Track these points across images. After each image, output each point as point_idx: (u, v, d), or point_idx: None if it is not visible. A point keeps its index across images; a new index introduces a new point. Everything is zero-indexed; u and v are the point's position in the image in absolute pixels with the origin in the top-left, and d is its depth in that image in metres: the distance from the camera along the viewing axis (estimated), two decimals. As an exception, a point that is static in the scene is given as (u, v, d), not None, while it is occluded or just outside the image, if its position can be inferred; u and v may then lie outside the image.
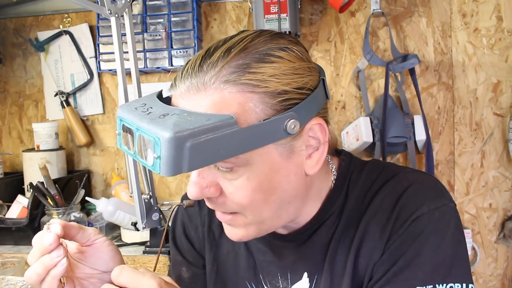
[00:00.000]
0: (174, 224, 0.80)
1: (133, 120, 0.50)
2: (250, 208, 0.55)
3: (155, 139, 0.45)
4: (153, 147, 0.46)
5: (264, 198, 0.54)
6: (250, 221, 0.56)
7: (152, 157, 0.46)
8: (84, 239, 0.56)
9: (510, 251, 1.51)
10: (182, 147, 0.45)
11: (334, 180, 0.65)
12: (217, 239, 0.73)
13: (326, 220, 0.63)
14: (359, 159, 0.68)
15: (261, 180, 0.53)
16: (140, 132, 0.48)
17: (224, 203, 0.55)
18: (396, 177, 0.62)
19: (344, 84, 1.58)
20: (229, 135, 0.47)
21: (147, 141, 0.47)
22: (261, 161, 0.52)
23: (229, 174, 0.52)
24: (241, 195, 0.53)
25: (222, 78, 0.50)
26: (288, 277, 0.66)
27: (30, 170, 1.57)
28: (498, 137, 1.49)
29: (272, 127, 0.50)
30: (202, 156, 0.46)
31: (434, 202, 0.58)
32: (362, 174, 0.64)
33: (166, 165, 0.45)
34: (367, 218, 0.60)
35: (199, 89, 0.51)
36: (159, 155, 0.45)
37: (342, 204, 0.63)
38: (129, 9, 1.05)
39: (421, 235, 0.56)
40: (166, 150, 0.45)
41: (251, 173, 0.52)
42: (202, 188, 0.53)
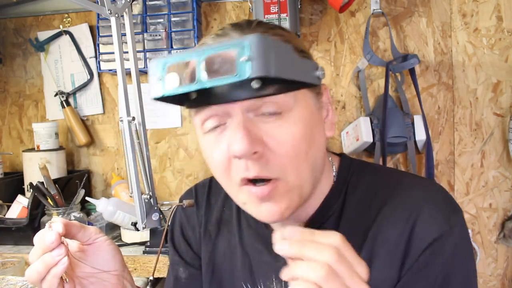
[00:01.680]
0: (173, 225, 0.79)
1: (191, 53, 0.47)
2: (294, 163, 0.53)
3: (241, 45, 0.44)
4: (239, 54, 0.44)
5: (305, 151, 0.54)
6: (292, 186, 0.54)
7: (239, 63, 0.44)
8: (85, 238, 0.56)
9: (510, 251, 1.51)
10: (271, 50, 0.45)
11: (334, 181, 0.64)
12: (214, 239, 0.73)
13: (324, 223, 0.62)
14: (359, 162, 0.67)
15: (305, 126, 0.54)
16: (209, 53, 0.46)
17: (268, 162, 0.52)
18: (404, 185, 0.61)
19: (344, 84, 1.58)
20: (292, 57, 0.50)
21: (229, 53, 0.45)
22: (303, 105, 0.55)
23: (276, 121, 0.52)
24: (289, 144, 0.52)
25: (259, 31, 0.55)
26: (282, 280, 0.65)
27: (30, 170, 1.57)
28: (498, 137, 1.49)
29: (309, 68, 0.53)
30: (281, 66, 0.46)
31: (452, 217, 0.57)
32: (363, 177, 0.63)
33: (258, 64, 0.44)
34: (376, 229, 0.58)
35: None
36: (250, 57, 0.44)
37: (340, 208, 0.62)
38: (129, 9, 1.05)
39: (446, 257, 0.55)
40: (258, 50, 0.44)
41: (295, 117, 0.53)
42: (252, 139, 0.51)
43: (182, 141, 1.68)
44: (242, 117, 0.52)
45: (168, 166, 1.70)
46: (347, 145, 1.51)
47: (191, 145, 1.67)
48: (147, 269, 1.25)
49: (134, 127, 1.00)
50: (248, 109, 0.52)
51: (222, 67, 0.45)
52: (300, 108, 0.54)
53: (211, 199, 0.76)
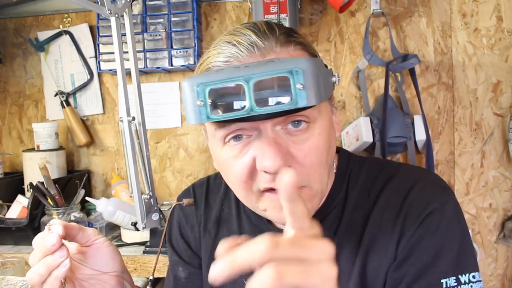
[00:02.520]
0: (170, 225, 0.79)
1: (233, 74, 0.45)
2: (318, 171, 0.55)
3: (293, 71, 0.44)
4: (293, 81, 0.44)
5: (326, 158, 0.56)
6: (315, 192, 0.56)
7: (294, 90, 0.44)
8: (84, 240, 0.56)
9: (510, 251, 1.51)
10: (318, 75, 0.46)
11: (335, 175, 0.66)
12: (213, 238, 0.73)
13: (327, 216, 0.63)
14: (357, 156, 0.69)
15: (326, 136, 0.55)
16: (258, 78, 0.44)
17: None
18: (399, 173, 0.63)
19: (344, 84, 1.58)
20: (325, 74, 0.51)
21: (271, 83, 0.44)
22: (325, 115, 0.56)
23: (304, 133, 0.53)
24: (314, 155, 0.53)
25: (283, 40, 0.55)
26: None
27: (30, 170, 1.57)
28: (498, 137, 1.49)
29: (329, 78, 0.54)
30: (323, 87, 0.47)
31: (443, 196, 0.59)
32: (362, 170, 0.65)
33: (311, 93, 0.44)
34: (376, 215, 0.60)
35: (266, 52, 0.54)
36: (304, 85, 0.44)
37: (343, 199, 0.64)
38: (129, 9, 1.05)
39: (437, 230, 0.57)
40: (311, 77, 0.44)
41: (319, 128, 0.54)
42: (282, 155, 0.51)
43: (182, 141, 1.68)
44: (272, 133, 0.52)
45: (168, 166, 1.70)
46: (347, 145, 1.51)
47: (191, 145, 1.67)
48: (147, 269, 1.25)
49: (134, 127, 1.00)
50: (276, 123, 0.53)
51: (274, 93, 0.45)
52: (323, 118, 0.55)
53: (209, 198, 0.76)
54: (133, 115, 1.03)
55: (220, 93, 0.46)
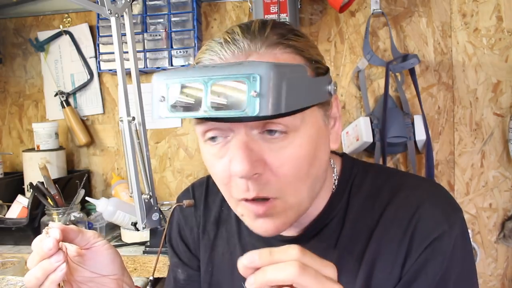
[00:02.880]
0: (171, 225, 0.79)
1: (198, 74, 0.44)
2: (293, 184, 0.52)
3: (251, 77, 0.41)
4: (248, 87, 0.41)
5: (307, 171, 0.53)
6: (290, 205, 0.54)
7: (247, 98, 0.42)
8: (83, 242, 0.55)
9: (510, 251, 1.51)
10: (282, 83, 0.42)
11: (336, 183, 0.63)
12: (212, 239, 0.72)
13: (327, 224, 0.62)
14: (361, 163, 0.66)
15: (310, 146, 0.52)
16: (216, 80, 0.43)
17: (268, 182, 0.51)
18: (406, 185, 0.61)
19: (344, 84, 1.58)
20: (305, 82, 0.48)
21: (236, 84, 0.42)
22: (311, 123, 0.53)
23: (281, 141, 0.50)
24: (290, 166, 0.51)
25: (271, 42, 0.53)
26: None
27: (30, 170, 1.57)
28: (498, 137, 1.49)
29: (320, 86, 0.53)
30: (293, 97, 0.44)
31: (451, 216, 0.57)
32: (366, 178, 0.63)
33: (267, 102, 0.41)
34: (381, 230, 0.58)
35: (249, 53, 0.51)
36: (259, 92, 0.41)
37: (344, 209, 0.62)
38: (129, 9, 1.05)
39: (445, 254, 0.55)
40: (268, 86, 0.41)
41: (301, 138, 0.51)
42: (253, 161, 0.49)
43: (182, 141, 1.68)
44: (245, 137, 0.50)
45: (168, 166, 1.70)
46: (347, 145, 1.51)
47: (191, 145, 1.67)
48: (147, 269, 1.25)
49: (134, 127, 1.00)
50: (252, 127, 0.50)
51: (229, 98, 0.43)
52: (307, 127, 0.52)
53: (208, 199, 0.75)
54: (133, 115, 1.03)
55: (181, 91, 0.46)
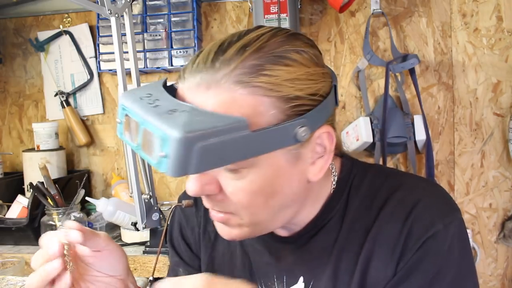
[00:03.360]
0: (171, 225, 0.79)
1: (138, 112, 0.47)
2: (248, 210, 0.53)
3: (163, 137, 0.43)
4: (160, 145, 0.43)
5: (264, 202, 0.53)
6: (245, 223, 0.55)
7: (157, 155, 0.44)
8: (95, 247, 0.56)
9: (510, 251, 1.51)
10: (191, 148, 0.42)
11: (335, 184, 0.63)
12: (213, 239, 0.73)
13: (325, 225, 0.62)
14: (361, 163, 0.66)
15: (264, 184, 0.52)
16: (146, 126, 0.46)
17: (222, 201, 0.53)
18: (404, 185, 0.60)
19: (344, 84, 1.58)
20: (240, 139, 0.45)
21: (154, 137, 0.45)
22: (267, 165, 0.51)
23: (232, 174, 0.51)
24: (241, 196, 0.52)
25: (235, 78, 0.49)
26: (283, 280, 0.65)
27: (30, 170, 1.57)
28: (498, 137, 1.49)
29: (282, 133, 0.49)
30: (211, 158, 0.44)
31: (447, 216, 0.57)
32: (365, 179, 0.63)
33: (173, 165, 0.43)
34: (377, 229, 0.58)
35: (209, 87, 0.49)
36: (166, 154, 0.43)
37: (343, 209, 0.62)
38: (129, 9, 1.05)
39: (438, 253, 0.55)
40: (174, 150, 0.42)
41: (254, 175, 0.51)
42: (203, 185, 0.51)
43: (182, 141, 1.68)
44: None
45: (168, 166, 1.70)
46: (347, 145, 1.51)
47: (191, 145, 1.67)
48: (147, 269, 1.25)
49: (134, 127, 1.00)
50: None
51: (149, 147, 0.46)
52: (262, 168, 0.51)
53: None
54: (133, 115, 1.03)
55: (128, 119, 0.49)
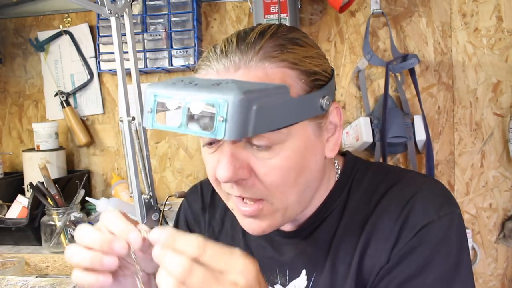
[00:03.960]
0: (177, 221, 0.81)
1: (178, 92, 0.47)
2: (280, 190, 0.54)
3: (219, 102, 0.44)
4: (216, 111, 0.44)
5: (294, 179, 0.54)
6: (276, 208, 0.55)
7: (210, 124, 0.45)
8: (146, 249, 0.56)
9: (510, 251, 1.51)
10: (249, 109, 0.44)
11: (338, 178, 0.65)
12: (217, 235, 0.74)
13: (326, 218, 0.63)
14: (364, 160, 0.68)
15: (297, 158, 0.53)
16: (193, 101, 0.46)
17: (254, 186, 0.53)
18: (403, 180, 0.62)
19: (344, 84, 1.58)
20: (285, 103, 0.48)
21: (205, 108, 0.45)
22: (299, 137, 0.54)
23: (265, 152, 0.52)
24: (276, 175, 0.53)
25: (262, 56, 0.53)
26: (286, 274, 0.66)
27: (30, 170, 1.57)
28: (498, 137, 1.49)
29: (312, 101, 0.53)
30: (264, 121, 0.46)
31: (443, 208, 0.57)
32: (366, 174, 0.64)
33: (233, 127, 0.44)
34: (374, 220, 0.59)
35: (239, 67, 0.52)
36: (225, 118, 0.44)
37: (344, 202, 0.63)
38: (129, 9, 1.05)
39: (431, 243, 0.55)
40: (234, 112, 0.43)
41: (287, 150, 0.53)
42: (236, 168, 0.52)
43: (182, 141, 1.68)
44: (231, 145, 0.52)
45: (168, 166, 1.70)
46: (347, 145, 1.51)
47: (191, 145, 1.67)
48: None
49: (134, 127, 1.00)
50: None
51: (201, 120, 0.46)
52: (294, 140, 0.53)
53: (215, 197, 0.77)
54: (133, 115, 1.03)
55: (164, 106, 0.49)
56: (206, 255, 0.42)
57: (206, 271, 0.41)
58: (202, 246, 0.42)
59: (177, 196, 0.72)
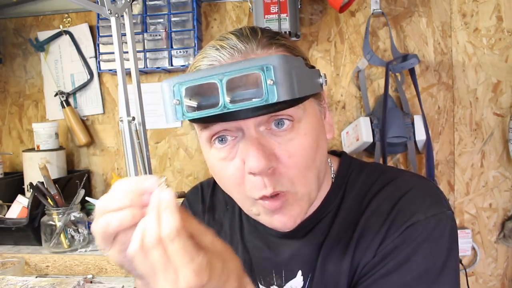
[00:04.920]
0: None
1: (208, 73, 0.47)
2: (303, 174, 0.54)
3: (264, 68, 0.45)
4: (263, 76, 0.45)
5: (313, 159, 0.55)
6: (301, 195, 0.56)
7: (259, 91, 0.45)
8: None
9: (510, 251, 1.51)
10: (291, 72, 0.46)
11: (333, 180, 0.65)
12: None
13: (322, 219, 0.64)
14: (359, 161, 0.68)
15: (313, 135, 0.55)
16: (231, 75, 0.46)
17: (281, 175, 0.54)
18: (395, 180, 0.62)
19: (344, 84, 1.58)
20: (305, 73, 0.51)
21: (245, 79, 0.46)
22: (311, 114, 0.56)
23: (288, 133, 0.53)
24: (300, 155, 0.53)
25: (265, 43, 0.55)
26: (282, 275, 0.66)
27: (30, 170, 1.57)
28: (498, 137, 1.49)
29: (314, 77, 0.55)
30: (302, 85, 0.48)
31: (431, 209, 0.57)
32: (361, 175, 0.65)
33: (284, 88, 0.45)
34: (365, 220, 0.60)
35: (247, 55, 0.54)
36: (275, 80, 0.45)
37: (339, 203, 0.64)
38: (129, 9, 1.05)
39: (414, 241, 0.55)
40: (282, 74, 0.45)
41: (305, 128, 0.54)
42: (267, 156, 0.52)
43: (182, 141, 1.68)
44: (255, 133, 0.52)
45: (168, 166, 1.70)
46: (347, 145, 1.51)
47: (191, 145, 1.67)
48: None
49: (134, 127, 1.00)
50: (259, 123, 0.53)
51: (247, 90, 0.46)
52: (309, 117, 0.55)
53: (214, 198, 0.78)
54: (133, 115, 1.03)
55: (195, 92, 0.48)
56: (170, 246, 0.40)
57: (163, 255, 0.40)
58: (172, 236, 0.40)
59: (177, 196, 0.72)
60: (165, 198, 0.42)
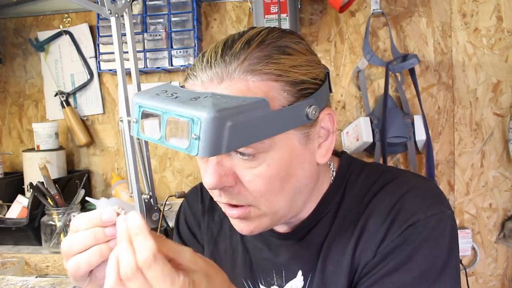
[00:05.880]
0: (178, 222, 0.81)
1: (159, 105, 0.48)
2: (266, 197, 0.55)
3: (193, 120, 0.44)
4: (189, 129, 0.45)
5: (280, 186, 0.55)
6: (264, 213, 0.56)
7: (186, 140, 0.45)
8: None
9: (510, 251, 1.51)
10: (223, 126, 0.44)
11: (333, 180, 0.65)
12: (215, 236, 0.75)
13: (322, 219, 0.64)
14: (360, 161, 0.68)
15: (281, 167, 0.54)
16: (170, 115, 0.47)
17: (240, 193, 0.54)
18: (395, 180, 0.62)
19: (344, 84, 1.58)
20: (263, 117, 0.48)
21: (181, 123, 0.46)
22: (283, 147, 0.54)
23: (249, 161, 0.53)
24: (260, 183, 0.53)
25: (246, 68, 0.52)
26: (282, 275, 0.66)
27: (30, 170, 1.57)
28: (498, 137, 1.49)
29: (296, 112, 0.53)
30: (239, 136, 0.46)
31: (431, 208, 0.57)
32: (361, 175, 0.65)
33: (206, 145, 0.44)
34: (365, 219, 0.60)
35: (222, 79, 0.52)
36: (198, 136, 0.44)
37: (338, 203, 0.63)
38: (129, 9, 1.05)
39: (414, 241, 0.55)
40: (206, 130, 0.44)
41: (272, 159, 0.53)
42: (221, 176, 0.53)
43: (182, 141, 1.68)
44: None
45: (168, 166, 1.70)
46: (347, 145, 1.51)
47: (191, 145, 1.67)
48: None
49: (134, 127, 1.00)
50: None
51: (178, 134, 0.47)
52: (278, 150, 0.53)
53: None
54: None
55: (149, 115, 0.50)
56: (149, 273, 0.41)
57: (143, 283, 0.41)
58: (149, 263, 0.40)
59: (177, 196, 0.72)
60: (133, 224, 0.42)
